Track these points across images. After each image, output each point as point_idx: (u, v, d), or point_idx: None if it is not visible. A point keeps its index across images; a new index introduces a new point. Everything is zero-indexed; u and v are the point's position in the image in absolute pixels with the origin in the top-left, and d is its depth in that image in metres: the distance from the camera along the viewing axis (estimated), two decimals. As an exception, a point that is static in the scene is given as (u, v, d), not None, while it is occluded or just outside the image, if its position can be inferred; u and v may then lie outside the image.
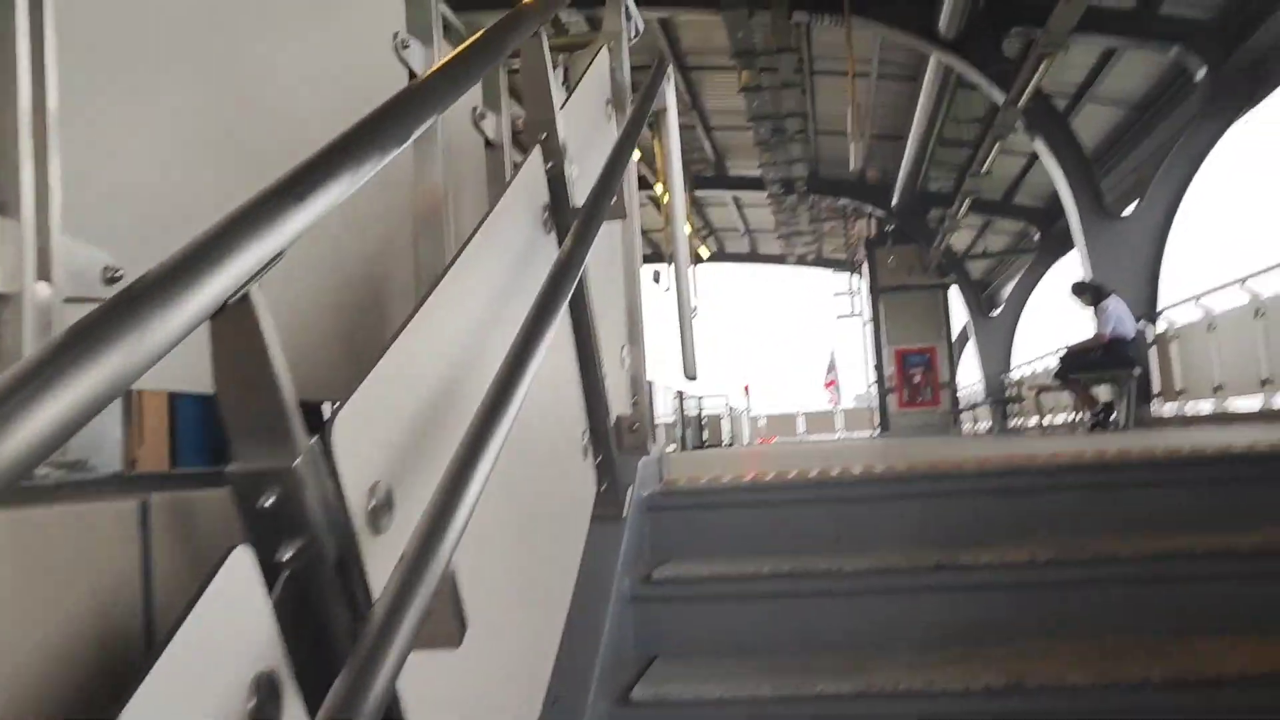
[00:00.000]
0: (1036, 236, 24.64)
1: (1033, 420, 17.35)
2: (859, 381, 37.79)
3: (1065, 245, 23.59)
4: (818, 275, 35.83)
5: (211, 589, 0.90)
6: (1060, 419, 11.91)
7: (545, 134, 2.00)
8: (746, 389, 39.10)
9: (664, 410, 27.82)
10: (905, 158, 20.72)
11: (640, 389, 2.72)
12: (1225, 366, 10.74)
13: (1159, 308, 13.24)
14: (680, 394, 30.45)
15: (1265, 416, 9.55)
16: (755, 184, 24.49)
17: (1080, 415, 9.58)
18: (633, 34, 2.95)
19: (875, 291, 27.24)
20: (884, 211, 25.47)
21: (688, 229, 2.61)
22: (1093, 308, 9.44)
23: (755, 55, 16.95)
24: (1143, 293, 13.47)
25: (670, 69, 2.88)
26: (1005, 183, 22.99)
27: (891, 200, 23.88)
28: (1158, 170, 13.72)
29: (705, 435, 33.47)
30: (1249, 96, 12.89)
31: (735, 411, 37.03)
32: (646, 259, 32.30)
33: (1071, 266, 24.16)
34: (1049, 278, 25.60)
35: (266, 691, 0.94)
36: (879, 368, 27.09)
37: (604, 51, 2.71)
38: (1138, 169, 18.72)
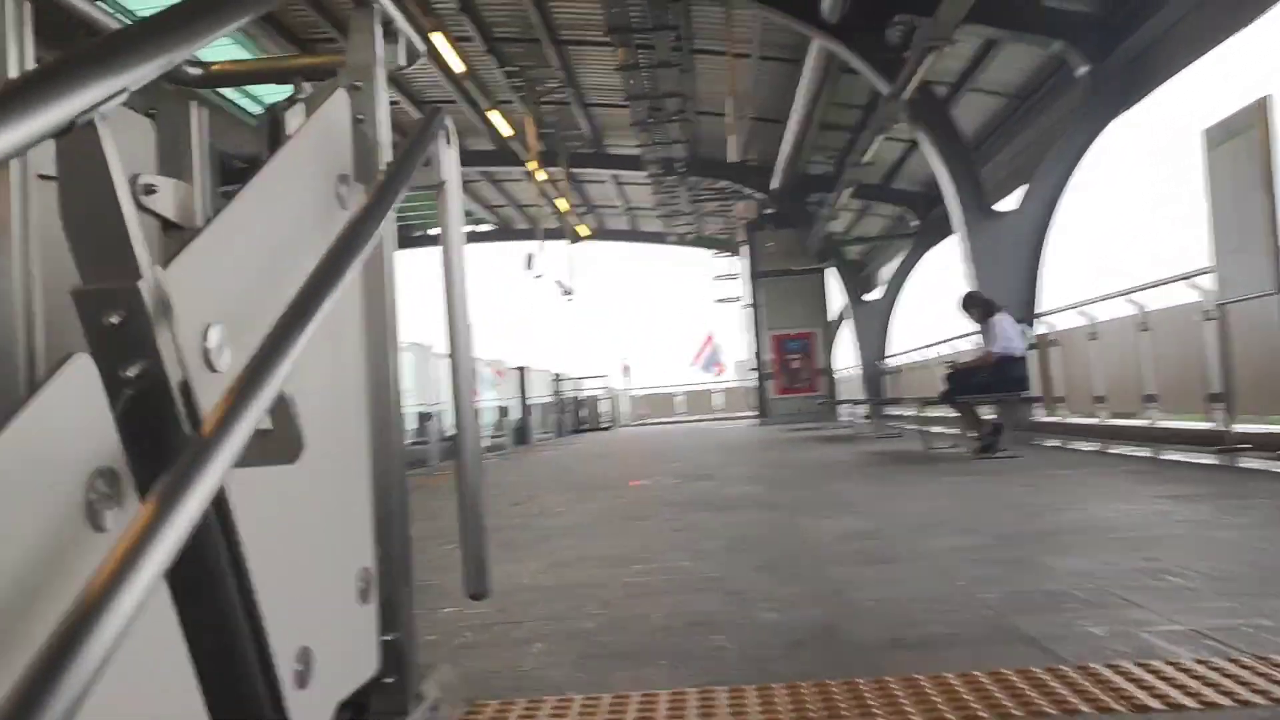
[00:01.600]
0: (914, 222, 24.48)
1: (909, 411, 17.14)
2: (740, 361, 37.59)
3: (943, 231, 23.53)
4: (698, 254, 35.35)
5: (47, 390, 0.98)
6: (945, 435, 11.51)
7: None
8: (626, 368, 38.48)
9: (541, 393, 26.89)
10: (785, 141, 20.19)
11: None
12: (1109, 378, 10.47)
13: (1038, 310, 12.99)
14: (557, 376, 29.57)
15: (1151, 435, 9.26)
16: (634, 163, 23.70)
17: (967, 434, 9.11)
18: (401, 63, 2.08)
19: (755, 276, 26.83)
20: (764, 194, 25.00)
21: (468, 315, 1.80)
22: (980, 324, 8.97)
23: (631, 32, 16.09)
24: (1023, 293, 13.21)
25: (448, 124, 2.03)
26: (884, 167, 22.71)
27: (771, 183, 23.37)
28: (1039, 165, 13.44)
29: (583, 418, 32.68)
30: (1128, 94, 12.67)
31: (614, 392, 36.33)
32: (519, 235, 31.21)
33: (950, 252, 24.24)
34: (926, 262, 25.57)
35: (106, 484, 1.03)
36: (758, 354, 26.72)
37: (338, 98, 1.84)
38: (1015, 159, 18.60)
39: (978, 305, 9.06)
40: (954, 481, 6.78)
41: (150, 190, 1.87)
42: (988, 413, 9.27)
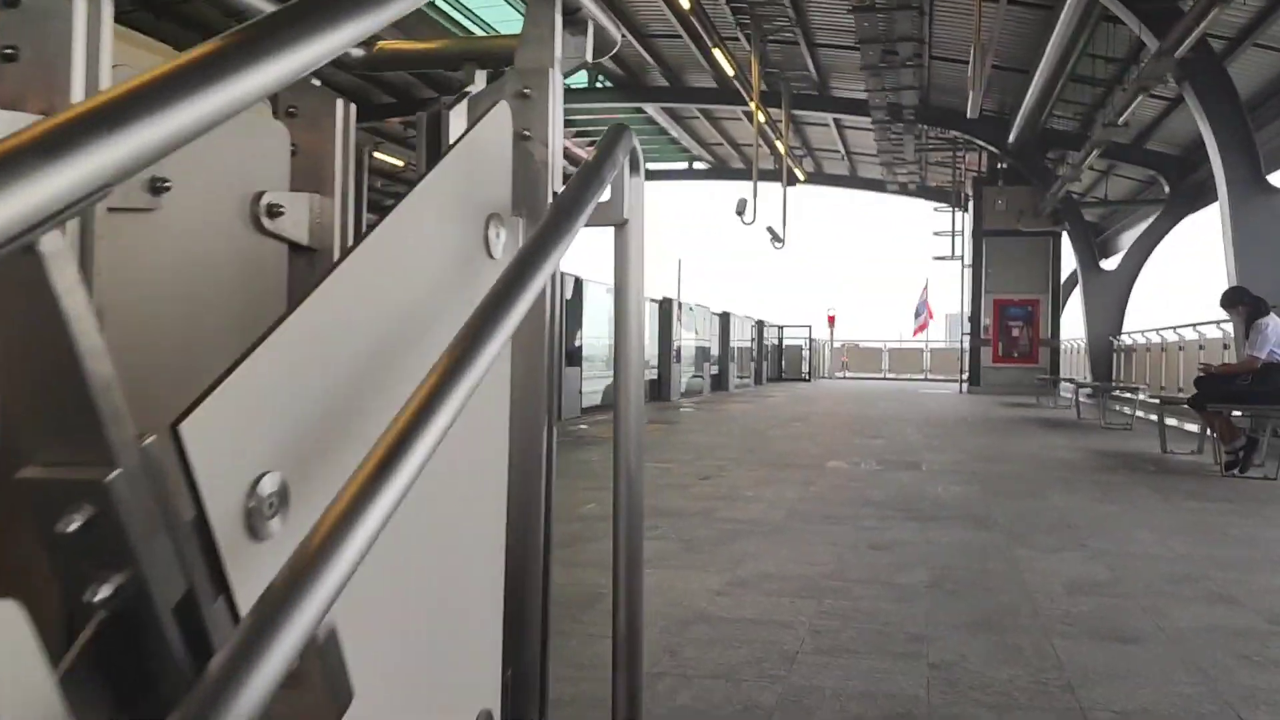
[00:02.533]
0: (1166, 188, 22.27)
1: (1140, 396, 15.63)
2: (951, 324, 35.85)
3: (1200, 199, 21.35)
4: (918, 206, 33.69)
5: None
6: (1183, 433, 10.34)
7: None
8: (831, 319, 37.42)
9: (741, 338, 26.45)
10: (1029, 93, 18.61)
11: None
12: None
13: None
14: (759, 324, 29.02)
15: None
16: (859, 108, 22.57)
17: (1216, 446, 8.04)
18: (587, 59, 1.68)
19: (979, 234, 25.25)
20: (997, 148, 23.34)
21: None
22: (1245, 324, 7.84)
23: (870, -30, 15.10)
24: (1294, 283, 11.66)
25: (635, 146, 1.61)
26: (1138, 126, 20.65)
27: (1008, 137, 21.74)
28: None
29: (783, 367, 32.08)
30: None
31: (817, 343, 35.45)
32: (734, 174, 30.65)
33: (1208, 225, 21.85)
34: (1178, 232, 23.28)
35: None
36: (974, 317, 25.26)
37: (499, 113, 1.46)
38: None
39: (1244, 302, 7.92)
40: (1201, 509, 5.92)
41: (276, 211, 1.56)
42: (1240, 422, 8.16)
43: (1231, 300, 8.08)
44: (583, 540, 4.53)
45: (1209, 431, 8.23)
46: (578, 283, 13.62)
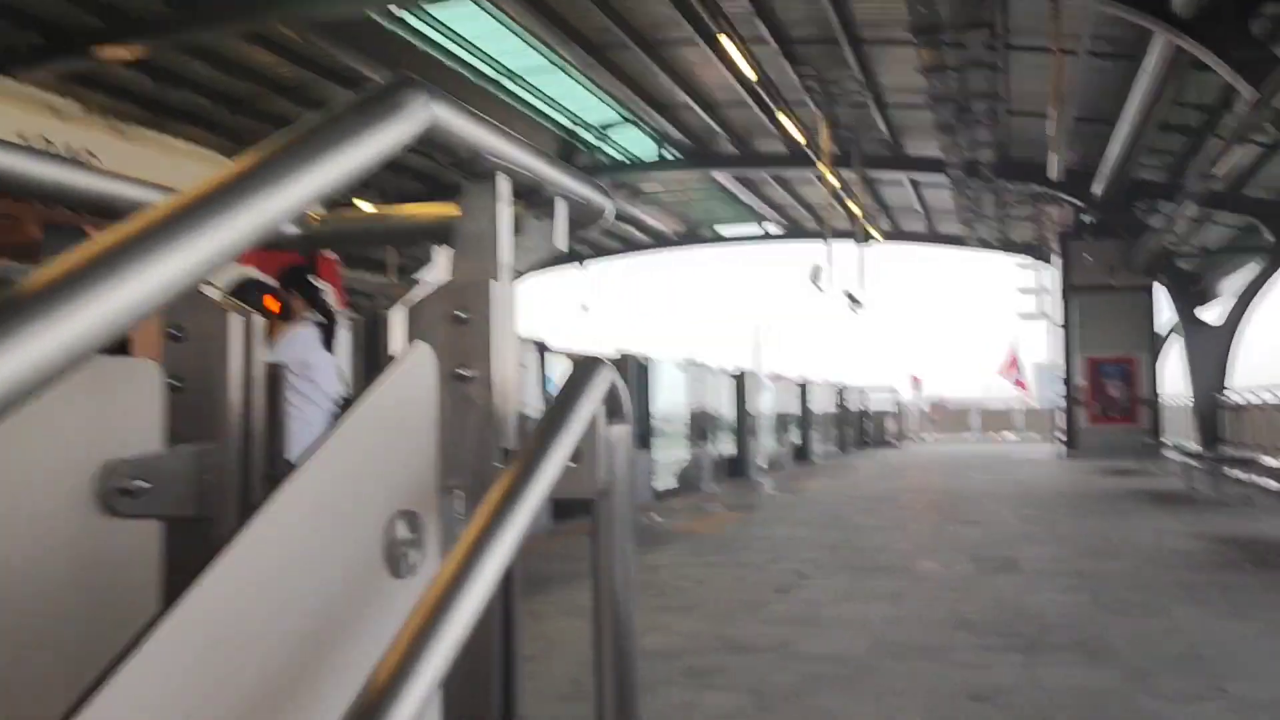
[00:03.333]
0: (1269, 236, 21.12)
1: (1262, 459, 14.57)
2: (1041, 377, 34.54)
3: (1304, 247, 20.21)
4: (1001, 261, 32.69)
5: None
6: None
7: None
8: (915, 380, 36.38)
9: (824, 406, 25.68)
10: (1113, 143, 17.85)
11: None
12: None
13: None
14: (841, 390, 28.25)
15: None
16: (934, 166, 21.99)
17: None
18: (555, 247, 1.29)
19: (1068, 291, 24.23)
20: (1083, 201, 22.47)
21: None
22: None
23: (939, 30, 14.66)
24: None
25: (617, 386, 1.21)
26: (1234, 172, 19.65)
27: (1093, 189, 20.90)
28: None
29: (868, 432, 31.16)
30: None
31: (903, 405, 34.48)
32: (807, 235, 30.03)
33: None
34: (1280, 281, 22.01)
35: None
36: (1068, 379, 24.16)
37: (418, 357, 1.07)
38: None
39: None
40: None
41: (134, 489, 1.15)
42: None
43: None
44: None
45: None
46: (643, 364, 13.20)
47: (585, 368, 1.18)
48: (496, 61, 18.73)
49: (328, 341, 5.12)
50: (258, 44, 16.17)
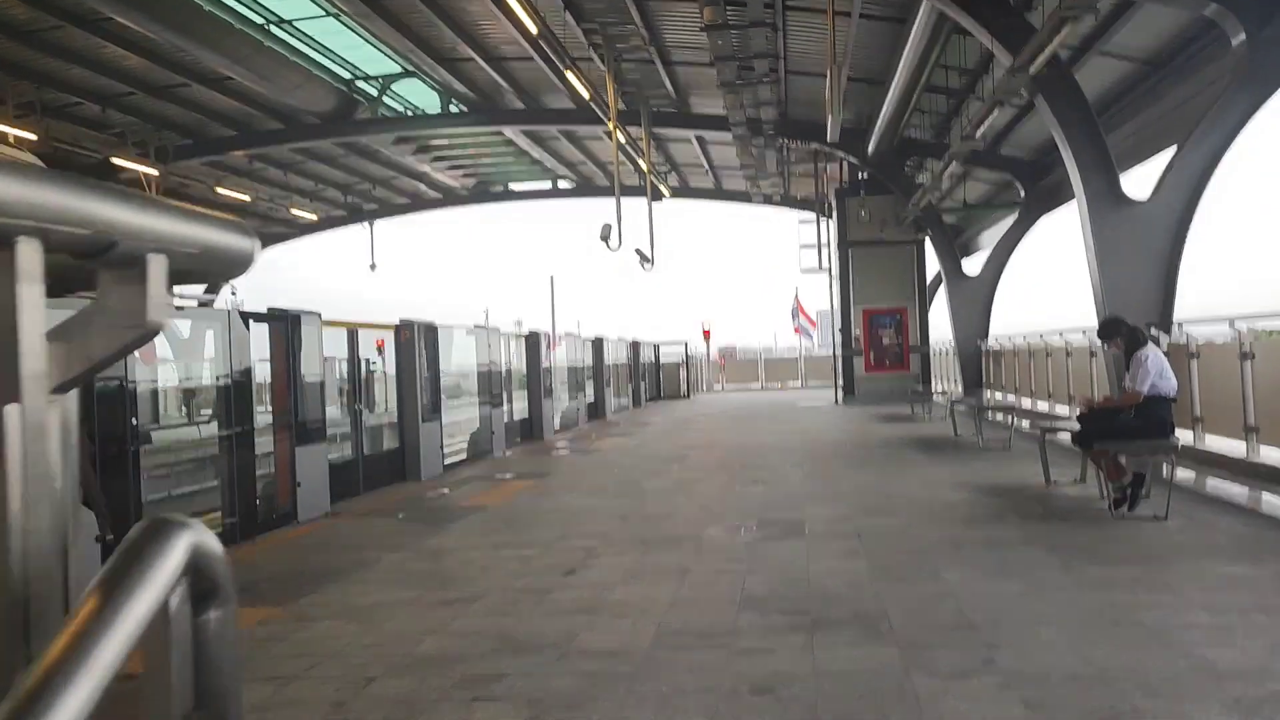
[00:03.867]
0: (1022, 192, 22.59)
1: (1011, 399, 15.64)
2: (823, 325, 35.94)
3: (1053, 200, 21.68)
4: (785, 217, 33.67)
5: None
6: (1062, 450, 10.10)
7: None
8: (706, 334, 37.15)
9: (617, 361, 25.74)
10: (885, 104, 18.50)
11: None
12: (1263, 405, 8.96)
13: (1175, 317, 11.41)
14: (634, 344, 28.46)
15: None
16: (720, 124, 22.19)
17: (1103, 482, 7.74)
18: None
19: (844, 245, 25.22)
20: (857, 159, 23.33)
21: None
22: (1125, 356, 7.55)
23: (719, -11, 14.64)
24: (1156, 293, 11.65)
25: (209, 556, 0.87)
26: (992, 132, 20.84)
27: (867, 147, 21.69)
28: (1181, 148, 11.73)
29: (661, 386, 31.63)
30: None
31: (695, 358, 35.15)
32: (599, 192, 29.88)
33: (1062, 225, 22.11)
34: (1036, 233, 23.63)
35: None
36: (844, 329, 25.22)
37: None
38: (1141, 131, 16.76)
39: (1121, 334, 7.63)
40: (1109, 585, 5.44)
41: None
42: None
43: (1109, 332, 7.79)
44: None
45: (1098, 472, 7.90)
46: (431, 330, 12.68)
47: (153, 533, 0.87)
48: (263, 7, 17.47)
49: None
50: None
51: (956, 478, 10.05)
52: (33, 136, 19.00)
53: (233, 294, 38.40)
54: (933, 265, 25.76)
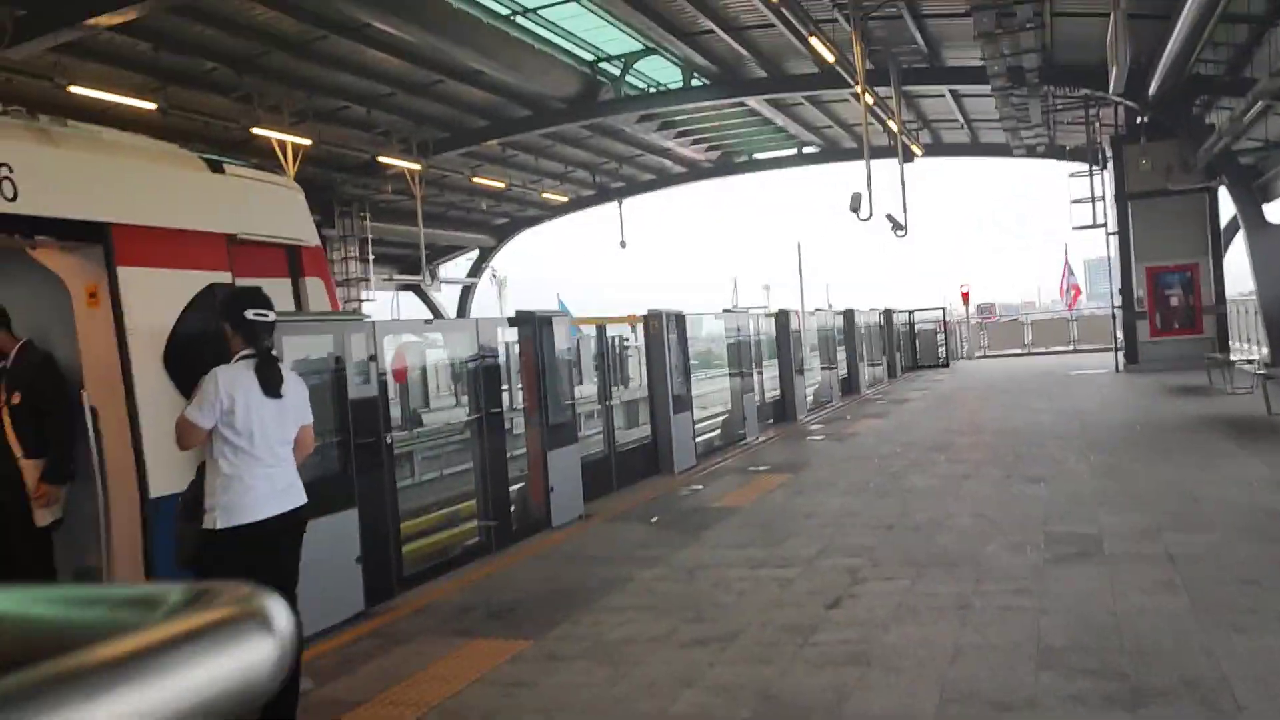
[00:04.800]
0: (1341, 125, 19.63)
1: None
2: (1094, 280, 33.15)
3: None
4: (1051, 168, 31.19)
5: None
6: None
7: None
8: (965, 297, 35.12)
9: (869, 332, 24.68)
10: (1171, 40, 16.47)
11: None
12: None
13: None
14: (888, 313, 27.23)
15: None
16: (976, 75, 20.64)
17: None
18: None
19: (1123, 198, 22.93)
20: (1136, 103, 21.05)
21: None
22: None
23: (977, -67, 13.41)
24: None
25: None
26: (1302, 60, 18.18)
27: (1148, 89, 19.50)
28: None
29: (919, 355, 30.21)
30: None
31: (952, 324, 33.35)
32: (846, 155, 28.84)
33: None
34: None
35: None
36: (1125, 290, 22.99)
37: None
38: None
39: None
40: None
41: None
42: None
43: None
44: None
45: None
46: (680, 319, 12.38)
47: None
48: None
49: (269, 380, 4.42)
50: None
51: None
52: (308, 142, 20.32)
53: (493, 276, 40.19)
54: (1226, 213, 23.04)
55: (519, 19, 18.48)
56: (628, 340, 16.49)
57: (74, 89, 15.65)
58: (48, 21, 13.99)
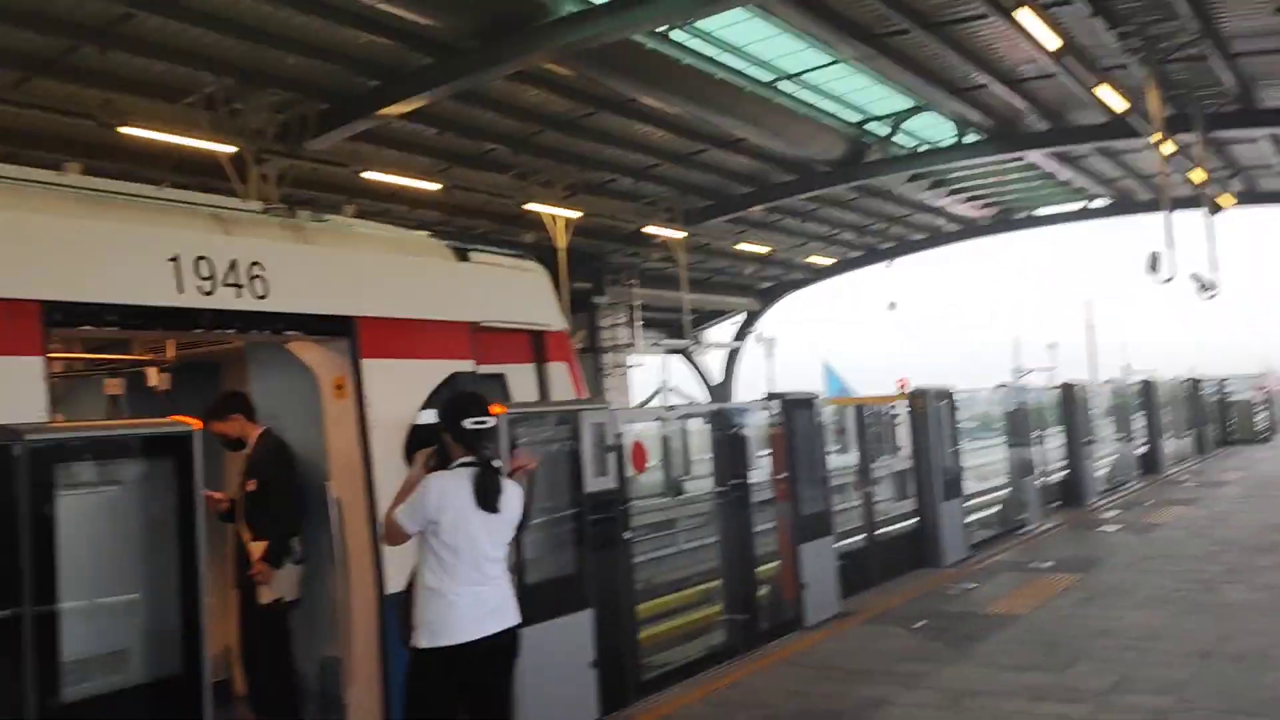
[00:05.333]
0: None
1: None
2: None
3: None
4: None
5: None
6: None
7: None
8: (1289, 361, 31.09)
9: (1172, 401, 22.17)
10: None
11: None
12: None
13: None
14: (1195, 380, 24.41)
15: None
16: (1301, 115, 18.34)
17: None
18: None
19: None
20: None
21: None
22: None
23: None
24: None
25: None
26: None
27: None
28: None
29: (1230, 428, 26.93)
30: None
31: (1274, 393, 29.55)
32: (1140, 208, 26.44)
33: None
34: None
35: None
36: None
37: None
38: None
39: None
40: None
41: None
42: None
43: None
44: None
45: None
46: (947, 396, 11.44)
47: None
48: (770, 65, 17.62)
49: (486, 493, 4.16)
50: (525, 82, 16.04)
51: None
52: (578, 214, 20.99)
53: (760, 338, 39.92)
54: None
55: (781, 84, 18.25)
56: (894, 411, 15.61)
57: (366, 174, 16.87)
58: (345, 114, 15.19)
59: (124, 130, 12.95)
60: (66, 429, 4.32)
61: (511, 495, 4.32)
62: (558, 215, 20.80)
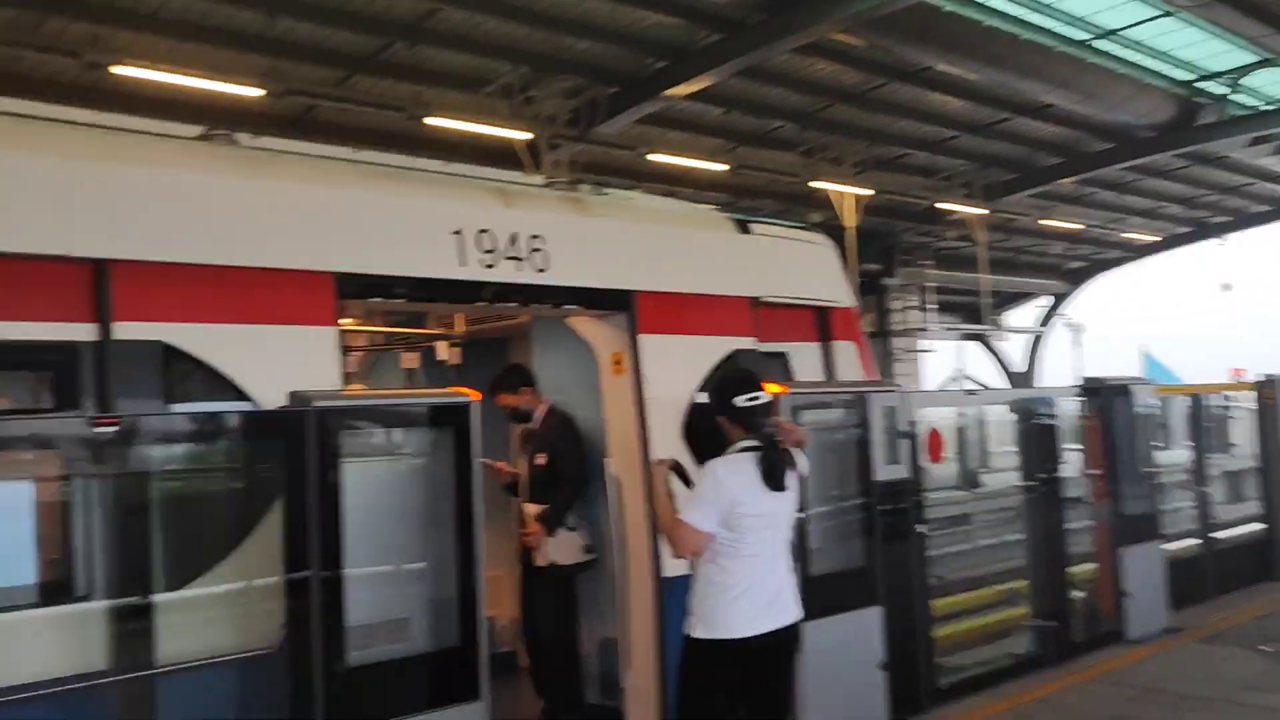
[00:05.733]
0: None
1: None
2: None
3: None
4: None
5: None
6: None
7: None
8: None
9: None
10: None
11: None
12: None
13: None
14: None
15: None
16: None
17: None
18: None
19: None
20: None
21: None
22: None
23: None
24: None
25: None
26: None
27: None
28: None
29: None
30: None
31: None
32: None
33: None
34: None
35: None
36: None
37: None
38: None
39: None
40: None
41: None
42: None
43: None
44: None
45: None
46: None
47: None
48: (1084, 23, 16.06)
49: (773, 471, 3.81)
50: (813, 54, 15.53)
51: None
52: (868, 192, 20.23)
53: (1068, 324, 37.06)
54: None
55: (1097, 43, 16.59)
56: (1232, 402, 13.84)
57: (652, 156, 16.98)
58: (633, 96, 15.34)
59: (428, 121, 13.69)
60: (353, 397, 4.42)
61: (792, 472, 3.98)
62: (846, 193, 20.12)
